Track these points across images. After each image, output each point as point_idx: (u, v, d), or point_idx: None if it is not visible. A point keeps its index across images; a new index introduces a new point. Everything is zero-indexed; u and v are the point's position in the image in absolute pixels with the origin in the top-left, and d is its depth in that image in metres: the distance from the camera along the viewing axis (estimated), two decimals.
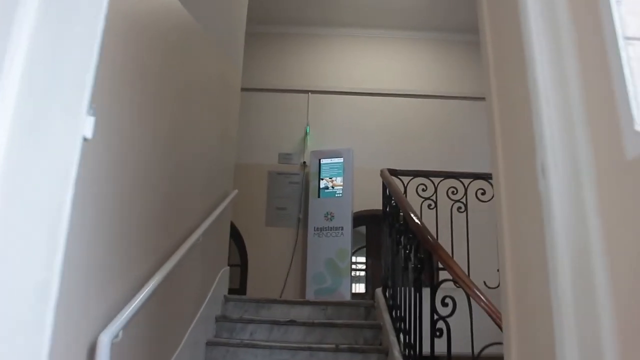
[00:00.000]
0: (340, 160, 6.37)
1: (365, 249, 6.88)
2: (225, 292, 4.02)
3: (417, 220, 3.02)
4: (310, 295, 5.93)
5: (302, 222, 6.50)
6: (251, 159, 6.75)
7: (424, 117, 7.04)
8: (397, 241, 3.40)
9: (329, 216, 6.17)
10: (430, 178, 4.31)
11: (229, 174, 4.31)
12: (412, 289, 2.91)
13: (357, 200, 6.37)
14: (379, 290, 3.96)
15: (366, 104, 7.06)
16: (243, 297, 3.98)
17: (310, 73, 7.18)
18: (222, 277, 3.92)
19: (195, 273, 3.22)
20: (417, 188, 4.22)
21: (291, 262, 6.36)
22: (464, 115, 7.07)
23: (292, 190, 6.68)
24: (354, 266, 6.50)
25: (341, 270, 5.95)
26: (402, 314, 3.19)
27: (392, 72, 7.24)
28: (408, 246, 3.07)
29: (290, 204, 6.62)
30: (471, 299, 2.50)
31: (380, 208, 6.72)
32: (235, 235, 6.54)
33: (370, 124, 6.95)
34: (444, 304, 2.58)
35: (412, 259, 3.02)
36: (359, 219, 6.56)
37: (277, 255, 6.41)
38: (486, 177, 4.35)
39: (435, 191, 4.26)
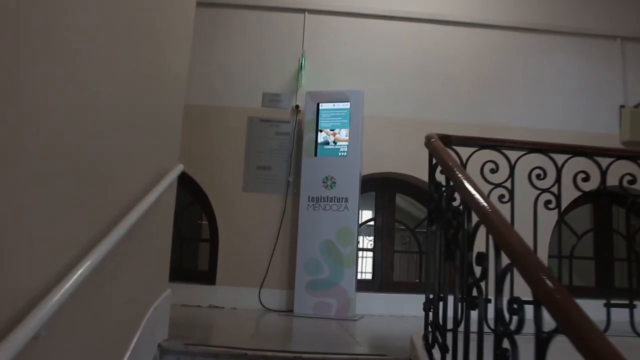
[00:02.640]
0: (346, 105, 4.69)
1: (373, 221, 5.31)
2: (164, 334, 2.45)
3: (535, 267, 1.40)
4: (300, 290, 4.41)
5: (293, 187, 4.88)
6: (224, 99, 5.04)
7: (459, 51, 5.29)
8: (467, 271, 1.79)
9: (329, 182, 4.55)
10: (503, 151, 2.68)
11: (169, 136, 2.59)
12: None
13: (366, 160, 4.75)
14: (417, 341, 2.39)
15: (382, 30, 5.27)
16: (189, 348, 2.37)
17: None
18: (155, 314, 2.33)
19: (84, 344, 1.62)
20: (482, 167, 2.61)
21: (276, 242, 4.78)
22: (512, 51, 5.34)
23: (280, 143, 5.00)
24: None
25: (343, 257, 4.41)
26: None
27: None
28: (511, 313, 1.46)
29: (276, 162, 4.97)
30: None
31: (398, 171, 5.17)
32: (203, 201, 4.93)
33: (388, 58, 5.20)
34: None
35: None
36: (367, 182, 4.95)
37: (258, 231, 4.82)
38: (592, 152, 2.74)
39: (512, 174, 2.64)
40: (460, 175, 2.03)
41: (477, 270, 1.75)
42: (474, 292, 1.77)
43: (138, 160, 2.09)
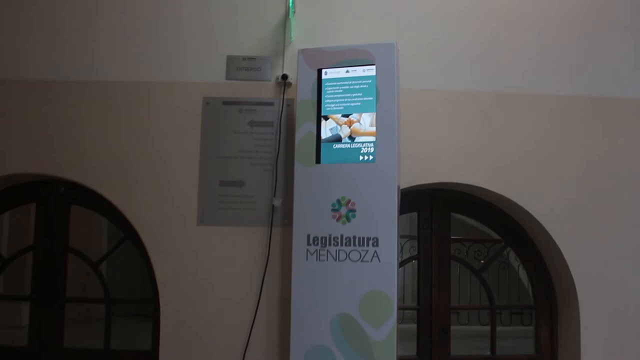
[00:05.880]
0: (370, 71, 2.66)
1: (415, 260, 3.32)
2: None
3: None
4: None
5: (282, 217, 2.88)
6: (163, 70, 3.01)
7: None
8: None
9: (344, 210, 2.56)
10: None
11: None
12: None
13: (404, 165, 2.76)
14: None
15: None
16: None
17: None
18: None
19: None
20: None
21: (255, 315, 2.79)
22: None
23: (258, 140, 2.98)
24: None
25: (374, 346, 2.43)
26: None
27: None
28: None
29: (252, 173, 2.96)
30: None
31: (455, 180, 3.02)
32: (136, 239, 2.94)
33: None
34: None
35: None
36: (406, 198, 2.94)
37: (224, 294, 2.83)
38: None
39: None
40: None
41: None
42: None
43: None
